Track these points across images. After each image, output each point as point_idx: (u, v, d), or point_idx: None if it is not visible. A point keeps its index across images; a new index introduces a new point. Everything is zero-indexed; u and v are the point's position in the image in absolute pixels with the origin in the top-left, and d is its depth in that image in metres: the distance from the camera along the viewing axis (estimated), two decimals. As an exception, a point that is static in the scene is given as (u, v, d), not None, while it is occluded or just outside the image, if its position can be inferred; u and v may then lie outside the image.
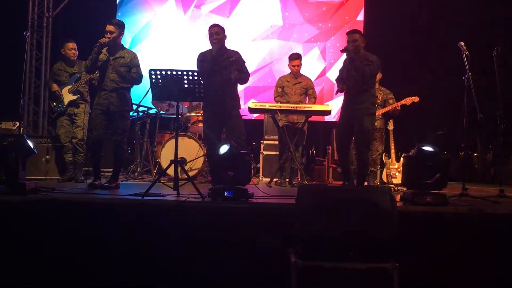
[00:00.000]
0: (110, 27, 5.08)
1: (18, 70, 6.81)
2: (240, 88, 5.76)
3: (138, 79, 5.25)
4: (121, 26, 5.17)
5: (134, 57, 5.23)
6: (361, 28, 8.80)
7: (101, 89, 5.16)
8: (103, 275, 3.83)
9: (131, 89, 5.36)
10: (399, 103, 6.47)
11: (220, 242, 3.82)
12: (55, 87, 6.10)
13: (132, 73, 5.18)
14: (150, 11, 8.93)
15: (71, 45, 6.18)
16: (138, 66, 5.24)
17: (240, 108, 5.51)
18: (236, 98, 5.48)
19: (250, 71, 5.62)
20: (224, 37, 5.33)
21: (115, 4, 8.94)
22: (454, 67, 6.21)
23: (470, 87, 4.94)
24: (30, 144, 4.42)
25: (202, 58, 5.37)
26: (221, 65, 5.29)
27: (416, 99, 6.48)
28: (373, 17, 8.89)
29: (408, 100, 6.48)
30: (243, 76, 5.43)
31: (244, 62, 5.46)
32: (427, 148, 4.30)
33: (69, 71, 6.17)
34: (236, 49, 5.50)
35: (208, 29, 5.35)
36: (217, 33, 5.26)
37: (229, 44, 5.47)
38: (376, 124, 6.45)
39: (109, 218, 3.94)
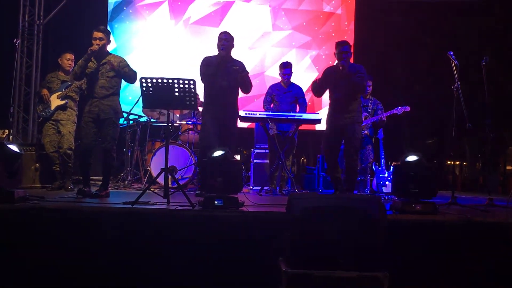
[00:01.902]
0: (99, 34, 5.05)
1: (8, 78, 6.79)
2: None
3: (133, 76, 5.13)
4: (108, 33, 5.18)
5: (121, 60, 5.18)
6: (351, 37, 8.90)
7: (91, 97, 5.10)
8: (91, 284, 3.79)
9: (121, 97, 5.33)
10: (386, 114, 6.53)
11: (210, 250, 3.81)
12: (44, 91, 6.09)
13: (124, 72, 5.11)
14: (142, 20, 8.92)
15: (69, 56, 6.23)
16: (128, 65, 5.16)
17: (237, 117, 5.63)
18: (236, 106, 5.59)
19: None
20: (232, 45, 5.47)
21: (106, 11, 8.92)
22: (443, 76, 6.27)
23: (459, 96, 4.99)
24: (14, 148, 4.39)
25: (208, 62, 5.46)
26: (225, 71, 5.37)
27: (407, 108, 6.54)
28: (363, 26, 8.95)
29: (399, 109, 6.54)
30: (247, 84, 5.51)
31: (247, 72, 5.55)
32: (411, 158, 4.33)
33: (61, 78, 6.18)
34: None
35: (218, 34, 5.47)
36: (226, 39, 5.41)
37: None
38: (366, 133, 6.52)
39: (98, 227, 3.91)
